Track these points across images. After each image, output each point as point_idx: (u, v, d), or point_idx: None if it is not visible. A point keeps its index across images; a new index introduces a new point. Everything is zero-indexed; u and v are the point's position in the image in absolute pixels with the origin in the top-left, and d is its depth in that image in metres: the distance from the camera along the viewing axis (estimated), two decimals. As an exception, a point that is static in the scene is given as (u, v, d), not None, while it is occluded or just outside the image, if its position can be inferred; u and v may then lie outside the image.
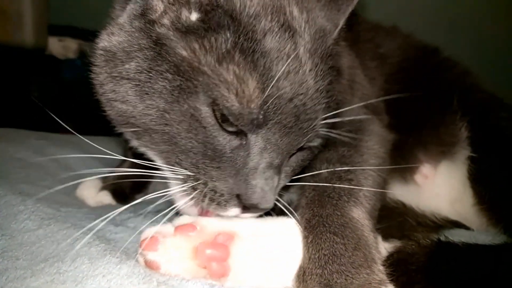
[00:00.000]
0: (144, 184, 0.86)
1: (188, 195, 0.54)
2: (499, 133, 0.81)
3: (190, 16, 0.53)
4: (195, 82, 0.50)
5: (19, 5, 1.62)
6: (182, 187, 0.54)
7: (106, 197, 0.82)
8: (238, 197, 0.53)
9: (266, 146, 0.52)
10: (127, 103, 0.54)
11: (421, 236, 0.66)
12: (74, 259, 0.49)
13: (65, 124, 0.63)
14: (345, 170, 0.62)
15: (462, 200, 0.81)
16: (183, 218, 0.54)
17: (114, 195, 0.83)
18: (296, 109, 0.52)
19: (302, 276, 0.51)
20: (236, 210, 0.54)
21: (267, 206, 0.53)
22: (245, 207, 0.53)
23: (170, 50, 0.51)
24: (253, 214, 0.56)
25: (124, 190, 0.83)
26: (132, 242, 0.58)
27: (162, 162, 0.56)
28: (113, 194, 0.82)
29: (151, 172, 0.58)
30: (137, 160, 0.59)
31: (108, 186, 0.82)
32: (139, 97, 0.53)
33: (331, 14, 0.62)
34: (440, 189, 0.84)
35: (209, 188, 0.52)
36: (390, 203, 0.80)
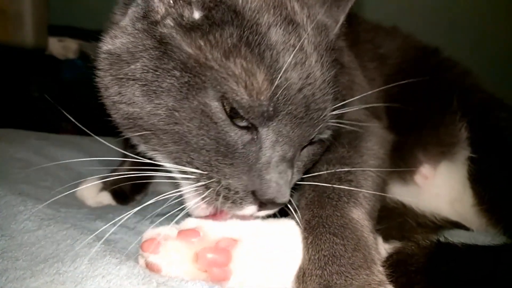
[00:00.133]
0: (144, 184, 0.86)
1: (200, 195, 0.53)
2: (499, 133, 0.80)
3: (193, 14, 0.53)
4: (203, 78, 0.50)
5: (19, 5, 1.62)
6: (194, 187, 0.53)
7: (106, 197, 0.82)
8: (253, 194, 0.52)
9: (278, 139, 0.52)
10: (134, 105, 0.53)
11: (420, 237, 0.66)
12: (73, 260, 0.49)
13: (76, 124, 0.62)
14: (345, 171, 0.62)
15: (461, 200, 0.81)
16: (188, 222, 0.54)
17: (114, 196, 0.82)
18: (305, 99, 0.52)
19: (302, 277, 0.51)
20: (252, 208, 0.53)
21: (284, 200, 0.52)
22: (261, 205, 0.53)
23: (175, 48, 0.51)
24: (269, 211, 0.55)
25: (124, 191, 0.83)
26: (132, 243, 0.58)
27: (172, 164, 0.55)
28: (113, 195, 0.82)
29: (152, 172, 0.58)
30: (137, 158, 0.59)
31: (108, 186, 0.82)
32: (147, 97, 0.52)
33: (331, 11, 0.63)
34: (440, 189, 0.84)
35: (222, 186, 0.52)
36: (390, 204, 0.80)
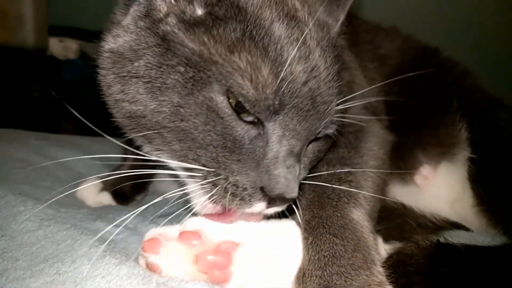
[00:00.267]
0: (144, 184, 0.86)
1: (207, 193, 0.52)
2: (499, 134, 0.80)
3: (196, 11, 0.53)
4: (208, 73, 0.50)
5: (20, 6, 1.62)
6: (201, 185, 0.52)
7: (106, 197, 0.82)
8: (262, 190, 0.51)
9: (284, 133, 0.52)
10: (137, 103, 0.53)
11: (420, 237, 0.66)
12: (73, 260, 0.49)
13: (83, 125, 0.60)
14: (345, 171, 0.62)
15: (461, 201, 0.81)
16: (189, 223, 0.53)
17: (114, 196, 0.82)
18: (311, 92, 0.52)
19: (302, 277, 0.51)
20: (261, 204, 0.52)
21: (293, 195, 0.52)
22: (270, 201, 0.52)
23: (179, 45, 0.51)
24: (277, 209, 0.54)
25: (124, 191, 0.83)
26: (132, 243, 0.58)
27: (177, 163, 0.55)
28: (113, 195, 0.82)
29: (153, 171, 0.57)
30: (138, 158, 0.58)
31: (108, 186, 0.82)
32: (151, 94, 0.52)
33: (331, 10, 0.63)
34: (439, 190, 0.84)
35: (230, 183, 0.51)
36: (390, 204, 0.80)
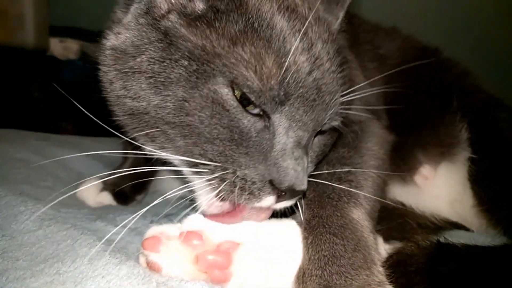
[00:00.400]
0: (144, 184, 0.86)
1: (214, 190, 0.51)
2: (499, 134, 0.80)
3: (196, 6, 0.53)
4: (212, 66, 0.50)
5: (20, 6, 1.62)
6: (208, 181, 0.52)
7: (106, 197, 0.82)
8: (271, 183, 0.51)
9: (291, 125, 0.52)
10: (140, 99, 0.53)
11: (420, 237, 0.66)
12: (73, 260, 0.49)
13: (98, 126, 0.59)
14: (345, 171, 0.62)
15: (462, 201, 0.81)
16: (190, 222, 0.53)
17: (115, 196, 0.82)
18: (316, 82, 0.52)
19: (302, 277, 0.51)
20: (270, 198, 0.51)
21: (303, 187, 0.51)
22: (279, 195, 0.51)
23: (181, 39, 0.51)
24: (287, 203, 0.54)
25: (124, 191, 0.83)
26: (132, 243, 0.58)
27: (182, 160, 0.54)
28: (113, 195, 0.82)
29: (155, 168, 0.57)
30: (139, 155, 0.58)
31: (108, 186, 0.82)
32: (154, 89, 0.52)
33: (331, 8, 0.64)
34: (440, 190, 0.84)
35: (238, 177, 0.50)
36: (390, 204, 0.80)
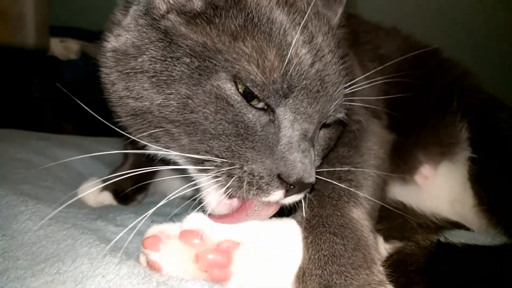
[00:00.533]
0: (145, 184, 0.86)
1: (222, 187, 0.51)
2: (499, 134, 0.80)
3: (196, 3, 0.53)
4: (214, 61, 0.50)
5: (21, 6, 1.63)
6: (215, 178, 0.51)
7: (107, 197, 0.82)
8: (279, 177, 0.50)
9: (296, 117, 0.52)
10: (143, 99, 0.53)
11: (420, 237, 0.66)
12: (74, 260, 0.49)
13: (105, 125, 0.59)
14: (345, 170, 0.62)
15: (462, 201, 0.81)
16: (190, 221, 0.53)
17: (115, 196, 0.82)
18: (318, 73, 0.52)
19: (302, 276, 0.51)
20: (279, 193, 0.51)
21: (311, 180, 0.51)
22: (288, 189, 0.51)
23: (182, 38, 0.52)
24: (295, 197, 0.54)
25: (125, 191, 0.83)
26: (132, 243, 0.58)
27: (187, 158, 0.54)
28: (114, 195, 0.82)
29: (157, 168, 0.57)
30: (139, 155, 0.58)
31: (109, 186, 0.82)
32: (157, 88, 0.52)
33: (329, 4, 0.65)
34: (440, 189, 0.84)
35: (246, 172, 0.50)
36: (390, 204, 0.80)
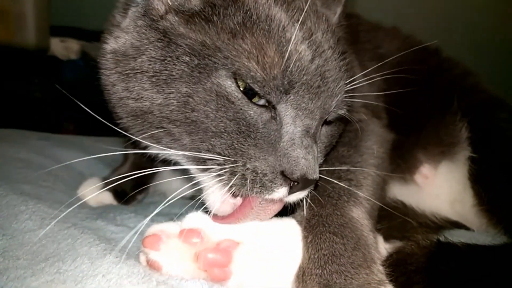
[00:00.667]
0: (145, 184, 0.86)
1: (225, 186, 0.51)
2: (499, 133, 0.80)
3: (193, 2, 0.54)
4: (213, 59, 0.50)
5: (21, 6, 1.63)
6: (218, 176, 0.51)
7: (107, 197, 0.82)
8: (282, 174, 0.50)
9: (297, 113, 0.52)
10: (143, 99, 0.53)
11: (420, 236, 0.66)
12: (74, 259, 0.49)
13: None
14: (344, 169, 0.62)
15: (462, 200, 0.81)
16: (190, 220, 0.53)
17: (115, 195, 0.82)
18: (319, 69, 0.52)
19: (301, 276, 0.51)
20: (283, 190, 0.51)
21: (315, 176, 0.51)
22: (292, 186, 0.51)
23: (181, 37, 0.52)
24: (300, 194, 0.54)
25: (125, 190, 0.83)
26: (132, 242, 0.58)
27: (189, 158, 0.54)
28: (114, 194, 0.82)
29: (159, 169, 0.57)
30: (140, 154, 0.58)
31: (109, 186, 0.82)
32: (157, 88, 0.52)
33: (328, 3, 0.65)
34: (440, 189, 0.84)
35: (249, 169, 0.50)
36: (390, 203, 0.80)
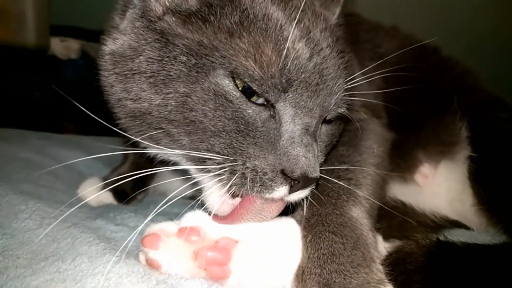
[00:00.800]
0: (145, 183, 0.86)
1: (225, 186, 0.51)
2: (499, 133, 0.80)
3: (190, 2, 0.54)
4: (211, 59, 0.50)
5: (21, 6, 1.63)
6: (218, 176, 0.51)
7: (107, 196, 0.82)
8: (283, 173, 0.50)
9: (296, 112, 0.52)
10: (141, 100, 0.53)
11: (420, 236, 0.66)
12: (74, 258, 0.49)
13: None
14: (344, 169, 0.62)
15: (461, 200, 0.81)
16: (188, 219, 0.53)
17: (115, 195, 0.83)
18: (317, 67, 0.52)
19: (301, 275, 0.51)
20: (283, 189, 0.51)
21: (315, 175, 0.51)
22: (292, 185, 0.51)
23: (178, 37, 0.52)
24: (301, 193, 0.53)
25: (125, 190, 0.83)
26: (131, 241, 0.58)
27: (188, 158, 0.54)
28: (114, 194, 0.83)
29: (159, 169, 0.57)
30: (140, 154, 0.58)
31: (109, 185, 0.82)
32: (155, 88, 0.52)
33: (326, 4, 0.65)
34: (440, 188, 0.84)
35: (249, 168, 0.50)
36: (390, 203, 0.80)
